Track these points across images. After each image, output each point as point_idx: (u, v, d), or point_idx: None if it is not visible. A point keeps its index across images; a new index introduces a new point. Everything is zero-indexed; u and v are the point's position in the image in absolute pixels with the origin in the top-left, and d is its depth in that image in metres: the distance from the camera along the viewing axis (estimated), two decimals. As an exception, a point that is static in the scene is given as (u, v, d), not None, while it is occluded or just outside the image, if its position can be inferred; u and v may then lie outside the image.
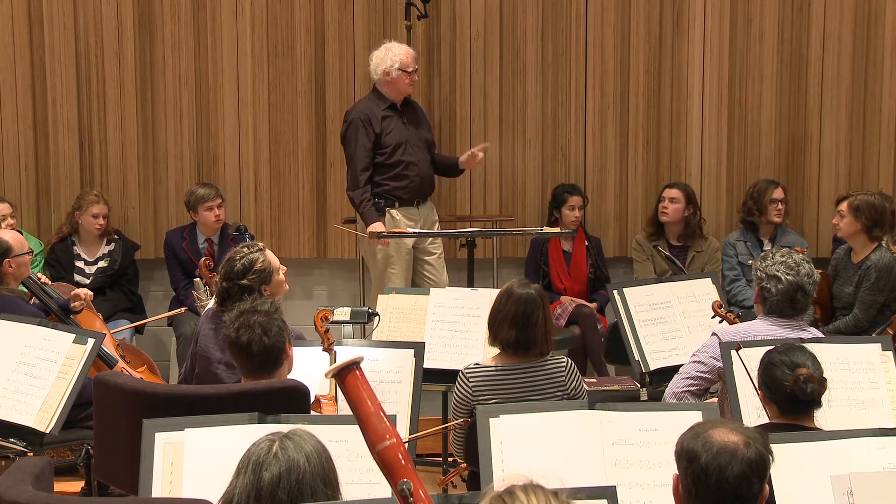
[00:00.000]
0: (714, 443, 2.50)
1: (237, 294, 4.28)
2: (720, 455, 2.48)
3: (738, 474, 2.47)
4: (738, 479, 2.47)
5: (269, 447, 2.38)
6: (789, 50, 6.95)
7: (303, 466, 2.34)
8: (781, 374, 3.36)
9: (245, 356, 3.79)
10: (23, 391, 4.25)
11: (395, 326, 5.01)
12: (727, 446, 2.49)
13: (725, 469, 2.47)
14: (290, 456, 2.35)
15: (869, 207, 5.95)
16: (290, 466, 2.34)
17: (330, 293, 7.01)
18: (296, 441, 2.39)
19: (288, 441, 2.39)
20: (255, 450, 2.39)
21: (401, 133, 6.18)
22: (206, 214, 6.46)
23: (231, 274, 4.33)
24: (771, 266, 4.26)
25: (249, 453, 2.39)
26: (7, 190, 6.63)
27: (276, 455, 2.35)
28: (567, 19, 6.87)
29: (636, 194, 7.00)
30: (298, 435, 2.41)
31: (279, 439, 2.39)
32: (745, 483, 2.47)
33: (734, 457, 2.48)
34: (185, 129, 6.77)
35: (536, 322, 4.13)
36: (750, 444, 2.50)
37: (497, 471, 3.19)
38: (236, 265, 4.34)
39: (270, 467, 2.33)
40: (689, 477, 2.51)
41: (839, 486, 2.96)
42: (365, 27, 6.79)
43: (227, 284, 4.33)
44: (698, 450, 2.50)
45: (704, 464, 2.48)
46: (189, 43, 6.72)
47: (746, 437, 2.52)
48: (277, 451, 2.36)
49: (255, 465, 2.35)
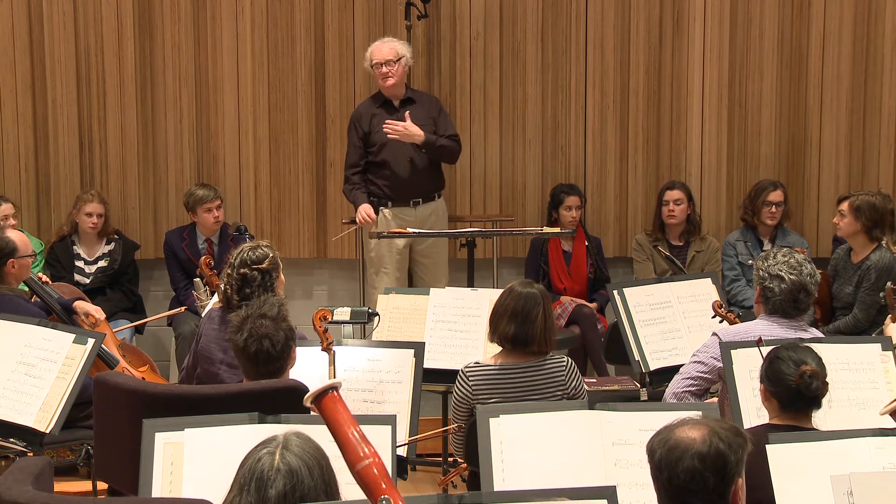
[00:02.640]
0: (670, 439, 2.51)
1: (256, 281, 4.28)
2: (672, 451, 2.49)
3: (687, 468, 2.47)
4: (688, 473, 2.46)
5: (271, 462, 2.33)
6: (789, 50, 6.95)
7: (306, 481, 2.31)
8: (787, 369, 3.36)
9: (251, 364, 3.79)
10: (23, 391, 4.25)
11: (395, 326, 5.01)
12: (682, 442, 2.49)
13: (676, 464, 2.48)
14: (292, 470, 2.32)
15: (869, 208, 5.96)
16: (295, 482, 2.31)
17: (330, 293, 7.01)
18: (296, 451, 2.35)
19: (288, 453, 2.34)
20: (256, 465, 2.34)
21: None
22: (205, 216, 6.45)
23: (250, 261, 4.33)
24: (773, 266, 4.26)
25: (252, 469, 2.34)
26: (7, 190, 6.63)
27: (278, 470, 2.31)
28: (567, 19, 6.87)
29: (636, 194, 7.00)
30: (297, 444, 2.37)
31: (279, 451, 2.34)
32: (696, 477, 2.46)
33: (685, 452, 2.48)
34: (185, 129, 6.77)
35: (536, 318, 4.13)
36: (706, 439, 2.49)
37: (497, 471, 3.19)
38: (253, 254, 4.35)
39: (275, 484, 2.30)
40: (651, 472, 2.55)
41: (839, 486, 2.96)
42: (365, 27, 6.79)
43: (244, 271, 4.30)
44: (654, 446, 2.53)
45: (658, 459, 2.51)
46: (189, 43, 6.72)
47: (711, 431, 2.51)
48: (280, 465, 2.32)
49: (258, 481, 2.31)
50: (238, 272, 4.32)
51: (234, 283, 4.32)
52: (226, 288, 4.35)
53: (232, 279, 4.33)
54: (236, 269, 4.33)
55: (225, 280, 4.37)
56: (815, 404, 3.38)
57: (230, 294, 4.32)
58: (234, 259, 4.36)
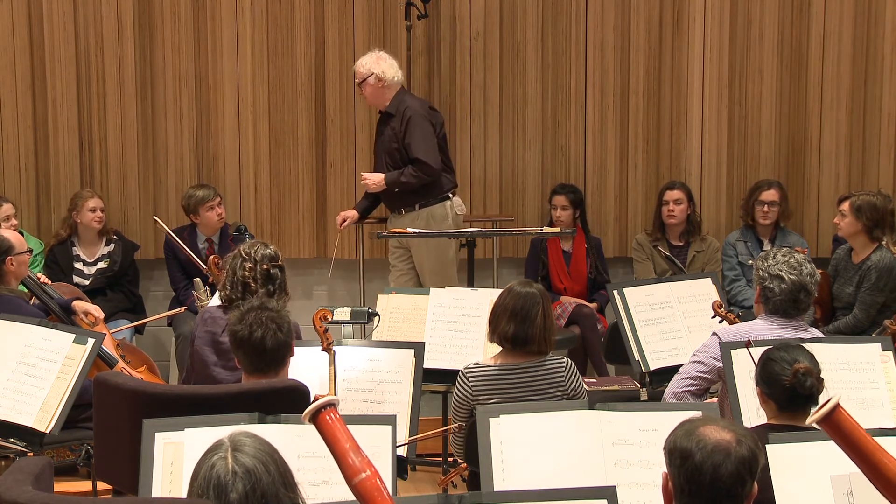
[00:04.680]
0: (708, 441, 2.49)
1: (278, 279, 4.32)
2: (714, 453, 2.47)
3: (732, 472, 2.46)
4: (733, 477, 2.46)
5: (225, 467, 2.30)
6: (789, 50, 6.95)
7: (264, 478, 2.30)
8: (780, 369, 3.36)
9: (257, 352, 3.77)
10: (23, 391, 4.25)
11: (395, 326, 5.01)
12: (721, 444, 2.48)
13: (720, 467, 2.47)
14: (248, 470, 2.30)
15: (870, 208, 5.96)
16: (254, 482, 2.29)
17: (330, 293, 7.01)
18: (248, 451, 2.33)
19: (240, 454, 2.32)
20: (211, 473, 2.31)
21: (375, 142, 6.44)
22: (209, 215, 6.46)
23: (269, 258, 4.35)
24: (773, 266, 4.25)
25: (207, 477, 2.30)
26: (7, 190, 6.63)
27: (235, 472, 2.29)
28: (567, 19, 6.87)
29: (636, 194, 7.01)
30: (248, 444, 2.35)
31: (230, 455, 2.32)
32: (738, 481, 2.47)
33: (728, 455, 2.47)
34: (185, 129, 6.77)
35: (535, 318, 4.13)
36: (742, 442, 2.49)
37: (497, 471, 3.19)
38: (270, 251, 4.38)
39: (235, 487, 2.28)
40: (682, 475, 2.50)
41: (839, 486, 2.96)
42: (365, 27, 6.79)
43: (266, 266, 4.32)
44: (692, 448, 2.49)
45: (699, 462, 2.47)
46: (189, 43, 6.72)
47: (738, 434, 2.52)
48: (235, 467, 2.29)
49: (217, 488, 2.28)
50: (261, 267, 4.32)
51: (261, 277, 4.32)
52: (248, 284, 4.33)
53: (255, 272, 4.32)
54: (259, 263, 4.33)
55: (247, 272, 4.34)
56: (811, 402, 3.37)
57: (253, 287, 4.31)
58: (250, 253, 4.35)
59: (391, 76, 6.24)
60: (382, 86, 6.23)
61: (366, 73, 6.23)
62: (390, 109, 6.27)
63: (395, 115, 6.24)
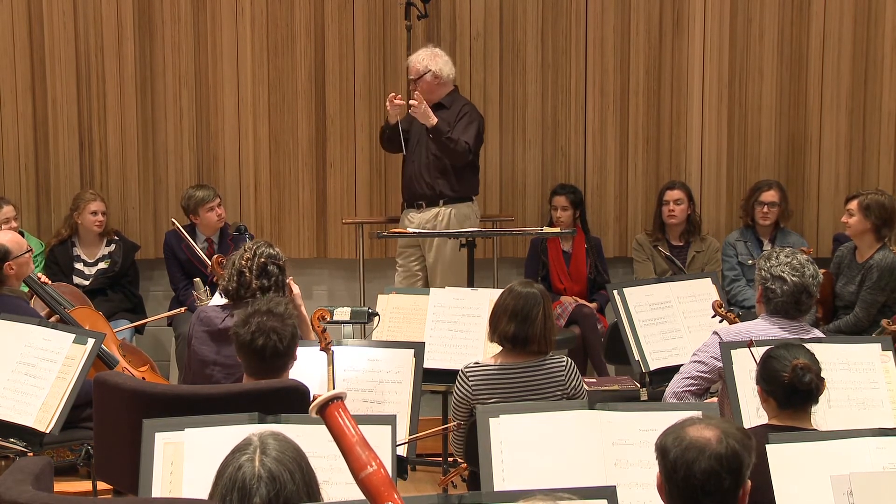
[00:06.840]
0: (685, 438, 2.50)
1: (274, 276, 4.33)
2: (688, 450, 2.48)
3: (705, 469, 2.46)
4: (706, 474, 2.46)
5: (252, 470, 2.31)
6: (789, 50, 6.95)
7: (289, 486, 2.30)
8: (779, 366, 3.36)
9: (256, 359, 3.79)
10: (23, 391, 4.25)
11: (395, 326, 5.01)
12: (697, 441, 2.49)
13: (693, 464, 2.47)
14: (274, 476, 2.30)
15: (879, 207, 5.98)
16: (278, 488, 2.29)
17: (330, 293, 7.01)
18: (275, 456, 2.33)
19: (267, 458, 2.33)
20: (237, 474, 2.32)
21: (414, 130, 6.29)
22: (209, 215, 6.46)
23: (269, 255, 4.37)
24: (776, 266, 4.24)
25: (233, 477, 2.32)
26: (7, 190, 6.63)
27: (260, 477, 2.29)
28: (567, 19, 6.87)
29: (636, 194, 7.00)
30: (275, 447, 2.35)
31: (258, 457, 2.33)
32: (713, 478, 2.47)
33: (702, 452, 2.47)
34: (185, 129, 6.77)
35: (535, 318, 4.13)
36: (722, 440, 2.49)
37: (497, 471, 3.19)
38: (272, 250, 4.39)
39: (259, 492, 2.28)
40: (662, 473, 2.54)
41: (839, 486, 2.96)
42: (365, 27, 6.79)
43: (263, 261, 4.34)
44: (668, 445, 2.52)
45: (673, 459, 2.49)
46: (189, 43, 6.72)
47: (723, 432, 2.51)
48: (261, 471, 2.30)
49: (241, 491, 2.29)
50: (259, 260, 4.34)
51: (256, 268, 4.33)
52: (243, 272, 4.34)
53: (253, 264, 4.33)
54: (258, 256, 4.35)
55: (244, 264, 4.36)
56: (811, 399, 3.36)
57: (248, 277, 4.32)
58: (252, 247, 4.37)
59: (447, 73, 6.25)
60: (438, 83, 6.23)
61: (423, 70, 6.21)
62: (444, 102, 6.26)
63: (450, 107, 6.23)
